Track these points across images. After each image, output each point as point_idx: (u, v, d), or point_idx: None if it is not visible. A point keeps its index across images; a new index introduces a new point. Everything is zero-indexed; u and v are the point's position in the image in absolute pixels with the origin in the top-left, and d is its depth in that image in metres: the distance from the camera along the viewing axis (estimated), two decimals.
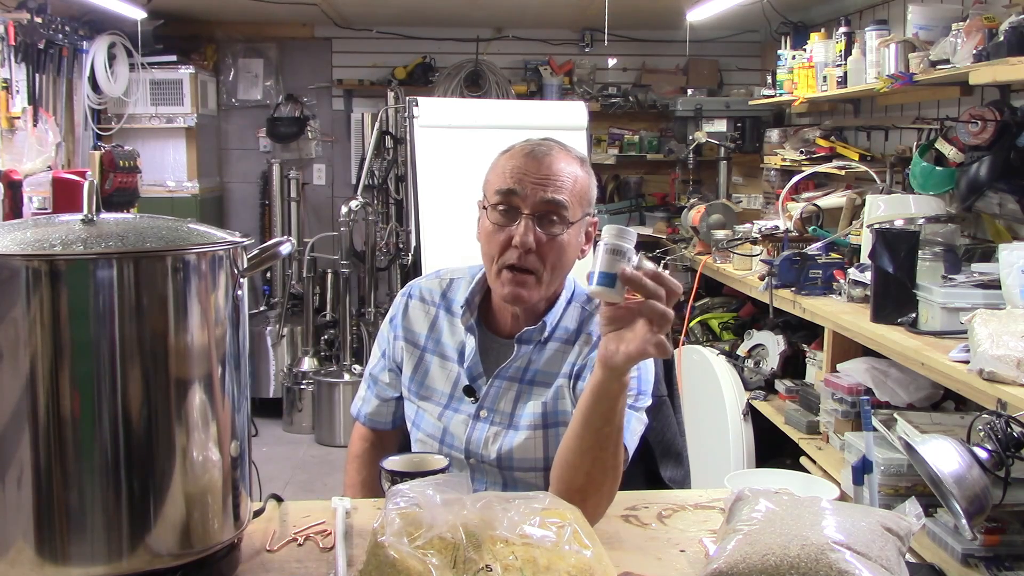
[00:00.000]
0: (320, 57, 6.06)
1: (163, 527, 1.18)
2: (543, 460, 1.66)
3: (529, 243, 1.58)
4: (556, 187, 1.60)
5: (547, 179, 1.60)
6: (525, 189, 1.59)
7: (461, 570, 1.09)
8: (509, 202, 1.60)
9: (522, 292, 1.61)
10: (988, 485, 1.58)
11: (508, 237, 1.60)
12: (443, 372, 1.74)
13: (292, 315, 5.72)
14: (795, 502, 1.31)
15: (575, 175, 1.63)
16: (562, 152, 1.65)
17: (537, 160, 1.61)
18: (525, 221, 1.58)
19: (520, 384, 1.69)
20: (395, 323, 1.81)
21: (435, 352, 1.76)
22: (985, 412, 1.87)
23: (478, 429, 1.69)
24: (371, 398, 1.85)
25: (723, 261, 4.16)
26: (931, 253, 2.71)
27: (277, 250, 1.31)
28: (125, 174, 4.85)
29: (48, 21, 4.66)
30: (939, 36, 3.13)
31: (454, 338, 1.74)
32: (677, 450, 1.98)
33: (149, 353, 1.16)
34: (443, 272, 1.83)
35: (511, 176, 1.61)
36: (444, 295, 1.78)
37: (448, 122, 4.12)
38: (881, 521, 1.26)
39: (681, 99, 5.50)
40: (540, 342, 1.69)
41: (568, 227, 1.61)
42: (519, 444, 1.66)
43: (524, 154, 1.63)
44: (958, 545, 2.16)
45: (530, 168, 1.60)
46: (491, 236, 1.62)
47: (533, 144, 1.65)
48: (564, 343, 1.69)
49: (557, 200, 1.59)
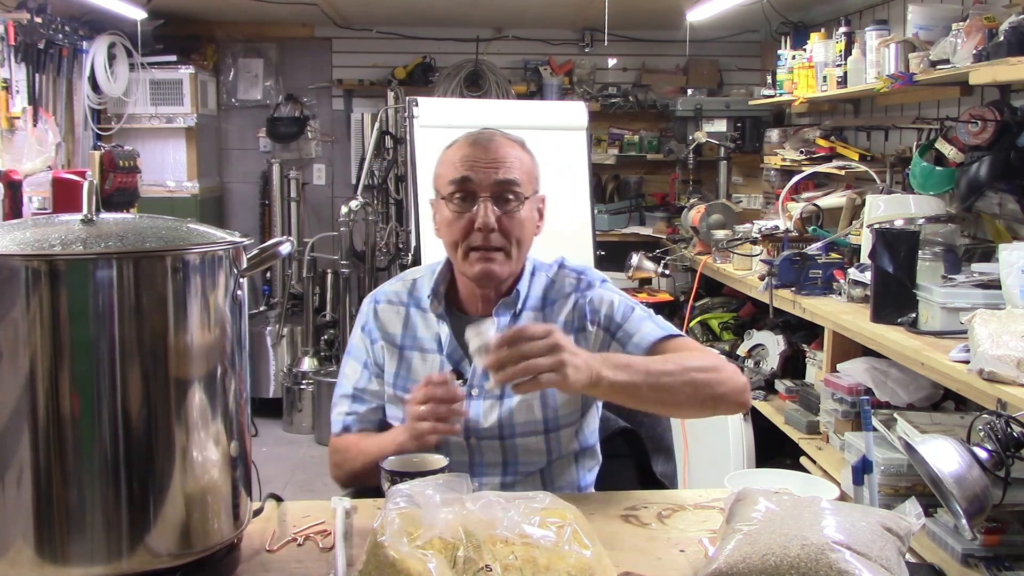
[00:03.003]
0: (320, 57, 6.06)
1: (163, 527, 1.18)
2: (543, 422, 1.74)
3: (491, 223, 1.68)
4: (506, 168, 1.71)
5: (496, 162, 1.71)
6: (478, 174, 1.69)
7: (461, 570, 1.09)
8: (465, 189, 1.70)
9: (493, 268, 1.71)
10: (988, 485, 1.58)
11: (469, 221, 1.69)
12: (426, 364, 1.78)
13: (292, 315, 5.72)
14: (795, 502, 1.31)
15: (519, 156, 1.75)
16: (503, 138, 1.76)
17: (483, 146, 1.72)
18: (483, 203, 1.69)
19: None
20: (368, 328, 1.83)
21: (414, 348, 1.80)
22: (985, 412, 1.87)
23: (473, 406, 1.73)
24: (359, 409, 1.82)
25: (723, 261, 4.16)
26: (931, 253, 2.71)
27: (277, 250, 1.31)
28: (125, 174, 4.85)
29: (48, 21, 4.66)
30: (939, 36, 3.13)
31: (429, 330, 1.80)
32: (667, 445, 2.05)
33: (149, 353, 1.16)
34: (405, 275, 1.89)
35: (462, 165, 1.71)
36: (411, 293, 1.84)
37: (448, 122, 4.11)
38: (881, 521, 1.26)
39: (681, 99, 5.50)
40: (515, 314, 1.77)
41: (523, 203, 1.72)
42: (517, 408, 1.73)
43: (469, 144, 1.74)
44: (958, 545, 2.16)
45: (479, 155, 1.71)
46: (452, 224, 1.71)
47: (475, 134, 1.77)
48: (535, 311, 1.79)
49: (510, 179, 1.71)
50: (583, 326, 1.77)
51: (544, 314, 1.78)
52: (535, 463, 1.76)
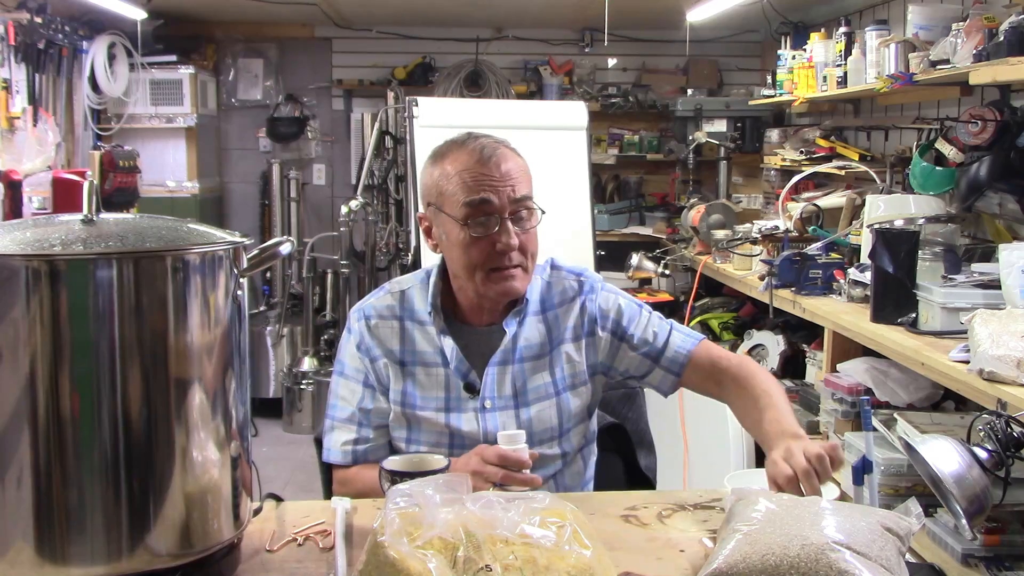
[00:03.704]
0: (320, 57, 6.06)
1: (163, 527, 1.18)
2: (558, 427, 1.75)
3: (515, 244, 1.65)
4: (517, 182, 1.67)
5: (509, 178, 1.65)
6: (498, 196, 1.64)
7: (461, 570, 1.09)
8: (485, 211, 1.64)
9: (515, 285, 1.69)
10: (988, 485, 1.58)
11: (491, 243, 1.64)
12: (430, 379, 1.74)
13: (292, 315, 5.72)
14: (795, 502, 1.31)
15: (520, 165, 1.71)
16: (502, 147, 1.71)
17: (495, 164, 1.66)
18: (504, 224, 1.64)
19: (514, 365, 1.74)
20: (365, 346, 1.76)
21: (416, 363, 1.75)
22: (985, 412, 1.87)
23: (490, 419, 1.72)
24: (368, 434, 1.75)
25: (723, 261, 4.16)
26: (931, 253, 2.71)
27: (277, 250, 1.31)
28: (125, 174, 4.85)
29: (48, 21, 4.66)
30: (939, 36, 3.13)
31: (429, 344, 1.75)
32: (649, 439, 2.11)
33: (149, 353, 1.16)
34: (389, 287, 1.82)
35: (476, 185, 1.64)
36: (402, 306, 1.77)
37: (448, 122, 4.11)
38: (881, 521, 1.26)
39: (681, 99, 5.49)
40: (520, 321, 1.75)
41: (536, 216, 1.69)
42: (535, 417, 1.73)
43: (476, 160, 1.66)
44: (958, 545, 2.16)
45: (492, 173, 1.65)
46: (471, 246, 1.65)
47: (477, 148, 1.68)
48: (535, 315, 1.77)
49: (525, 195, 1.67)
50: (593, 331, 1.78)
51: (545, 318, 1.77)
52: (553, 467, 1.76)
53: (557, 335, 1.77)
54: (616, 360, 1.80)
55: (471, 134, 1.73)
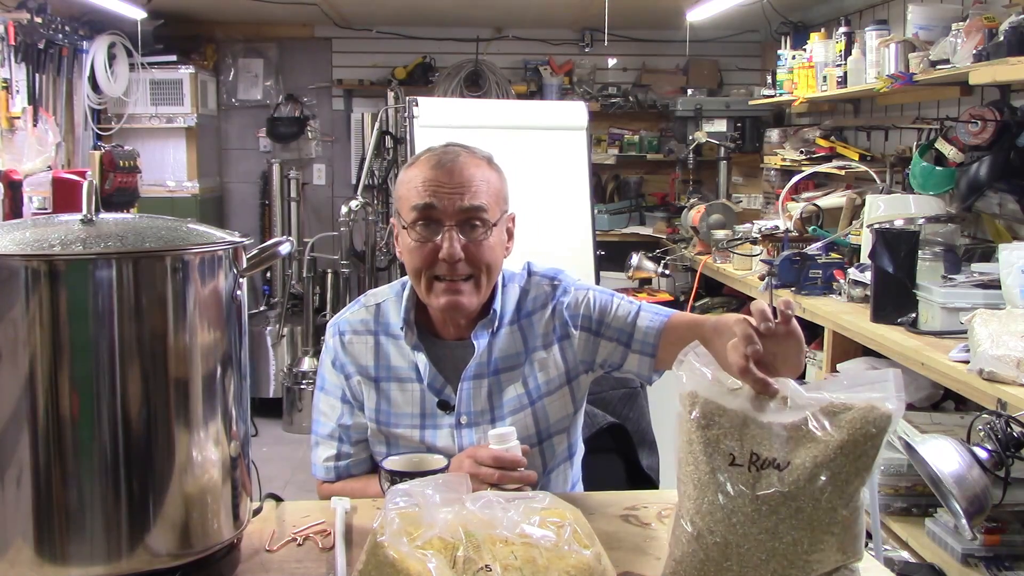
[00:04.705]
0: (320, 57, 6.06)
1: (163, 527, 1.18)
2: (536, 435, 1.71)
3: (456, 253, 1.59)
4: (472, 193, 1.61)
5: (461, 187, 1.60)
6: (442, 201, 1.59)
7: (461, 570, 1.09)
8: (428, 216, 1.61)
9: (460, 300, 1.63)
10: (988, 485, 1.58)
11: (433, 250, 1.60)
12: (404, 395, 1.71)
13: (292, 315, 5.72)
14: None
15: (486, 177, 1.64)
16: (469, 156, 1.65)
17: (448, 170, 1.61)
18: (448, 232, 1.59)
19: (488, 379, 1.71)
20: (339, 363, 1.74)
21: (390, 378, 1.72)
22: (985, 412, 1.87)
23: (466, 435, 1.69)
24: (348, 450, 1.74)
25: (723, 261, 4.16)
26: (931, 253, 2.71)
27: (277, 250, 1.30)
28: (125, 174, 4.85)
29: (48, 21, 4.66)
30: (939, 36, 3.13)
31: (404, 359, 1.72)
32: (651, 439, 2.08)
33: (149, 353, 1.16)
34: (365, 300, 1.80)
35: (425, 190, 1.60)
36: (377, 320, 1.75)
37: (448, 122, 4.11)
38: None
39: (681, 99, 5.50)
40: (493, 332, 1.71)
41: (490, 229, 1.63)
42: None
43: (431, 166, 1.63)
44: (958, 545, 2.16)
45: (442, 179, 1.61)
46: (415, 251, 1.62)
47: (438, 153, 1.65)
48: (511, 324, 1.73)
49: (476, 205, 1.61)
50: (567, 333, 1.73)
51: (520, 326, 1.73)
52: (532, 467, 1.75)
53: (532, 343, 1.73)
54: (595, 354, 1.74)
55: (451, 143, 1.69)
